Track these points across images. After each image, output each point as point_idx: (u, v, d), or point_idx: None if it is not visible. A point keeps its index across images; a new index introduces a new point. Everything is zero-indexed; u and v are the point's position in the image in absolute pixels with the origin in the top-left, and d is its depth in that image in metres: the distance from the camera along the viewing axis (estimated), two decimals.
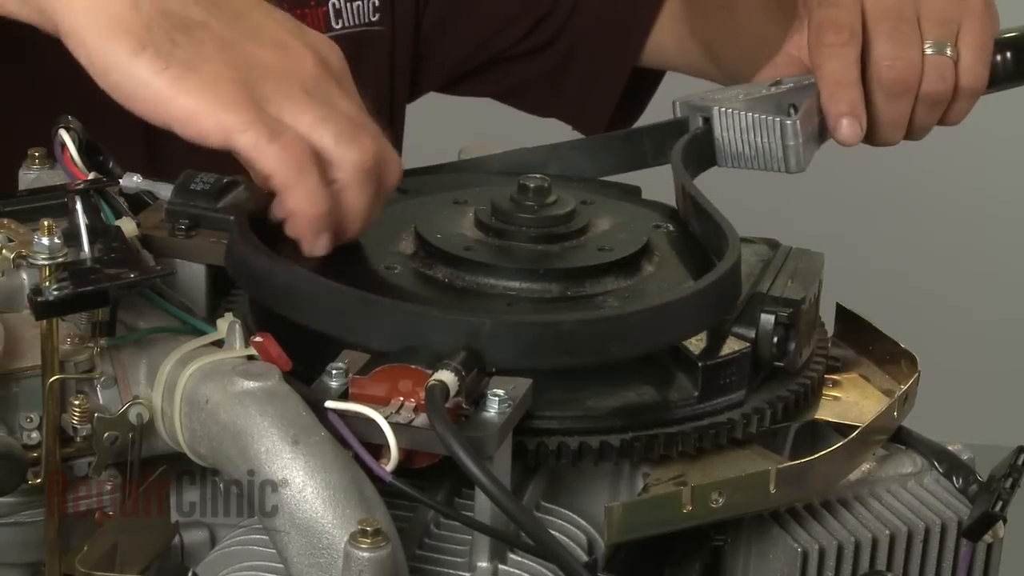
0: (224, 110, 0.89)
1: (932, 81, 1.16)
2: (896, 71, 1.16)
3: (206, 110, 0.89)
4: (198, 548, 0.95)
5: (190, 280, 1.04)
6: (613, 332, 0.91)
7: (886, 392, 1.02)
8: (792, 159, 1.14)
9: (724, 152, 1.16)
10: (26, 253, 0.92)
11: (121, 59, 0.90)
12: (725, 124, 1.15)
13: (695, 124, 1.17)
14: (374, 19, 1.45)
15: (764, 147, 1.14)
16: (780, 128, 1.13)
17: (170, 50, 0.90)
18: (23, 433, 0.90)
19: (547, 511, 0.95)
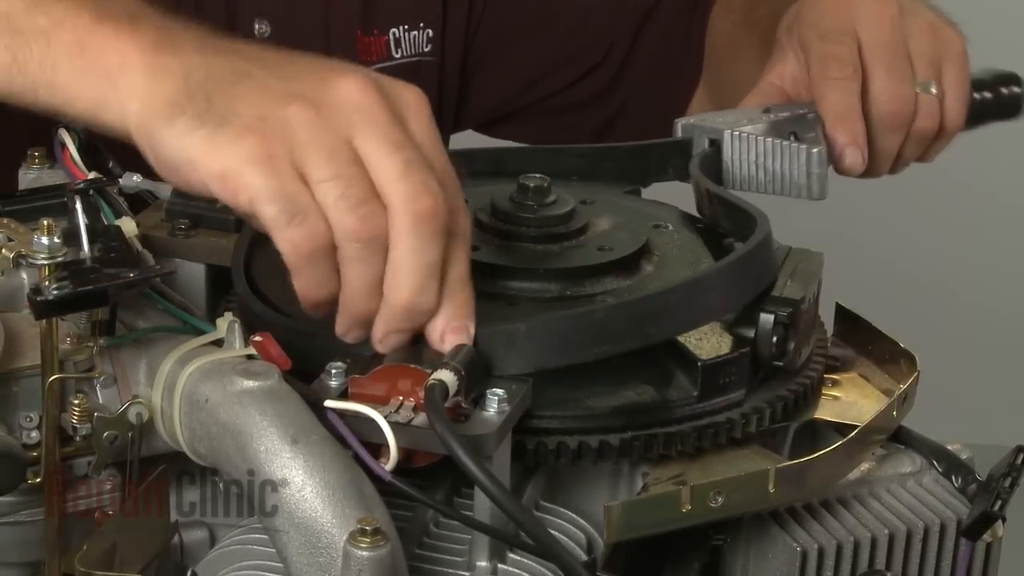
0: (253, 171, 0.86)
1: (923, 117, 1.21)
2: (894, 105, 1.19)
3: (238, 169, 0.86)
4: (197, 547, 0.95)
5: (190, 279, 1.04)
6: (649, 314, 0.91)
7: (885, 392, 1.02)
8: (816, 187, 1.16)
9: (732, 175, 1.17)
10: (26, 252, 0.92)
11: (166, 132, 0.88)
12: (737, 147, 1.16)
13: (700, 145, 1.17)
14: (427, 50, 1.46)
15: (783, 173, 1.15)
16: (807, 156, 1.15)
17: (205, 109, 0.87)
18: (23, 432, 0.90)
19: (546, 510, 0.95)
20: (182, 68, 0.89)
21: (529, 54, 1.51)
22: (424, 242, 0.86)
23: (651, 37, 1.50)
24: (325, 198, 0.86)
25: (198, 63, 0.89)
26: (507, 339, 0.90)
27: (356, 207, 0.86)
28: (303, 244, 0.86)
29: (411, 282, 0.87)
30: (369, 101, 0.88)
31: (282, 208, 0.86)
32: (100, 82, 0.89)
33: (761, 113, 1.19)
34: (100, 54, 0.90)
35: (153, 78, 0.89)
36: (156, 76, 0.89)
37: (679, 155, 1.17)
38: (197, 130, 0.87)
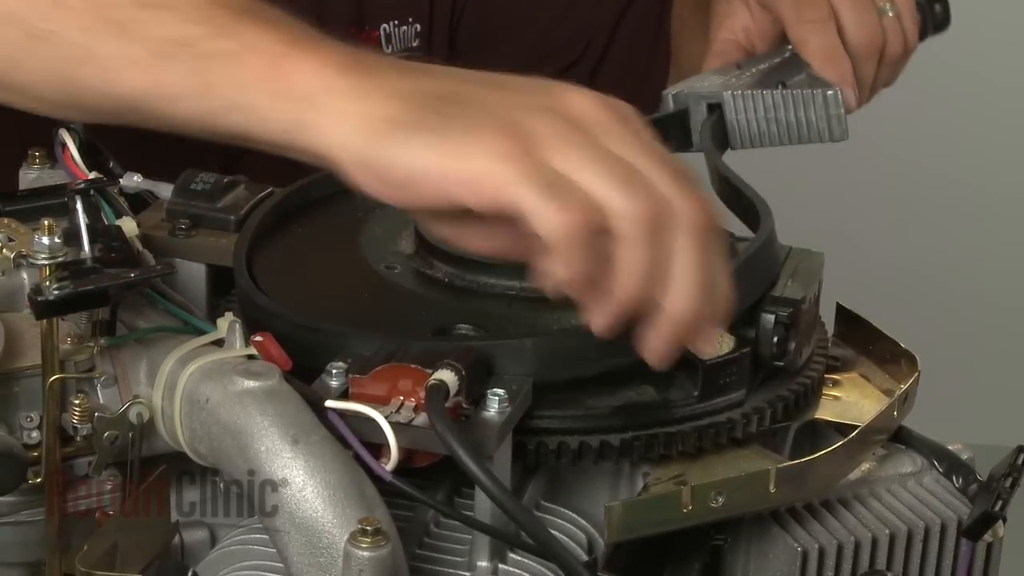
0: (505, 164, 0.84)
1: (892, 41, 1.23)
2: (866, 35, 1.21)
3: (488, 168, 0.84)
4: (198, 547, 0.95)
5: (190, 279, 1.04)
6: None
7: (886, 392, 1.02)
8: (837, 128, 1.17)
9: (741, 134, 1.17)
10: (27, 252, 0.92)
11: (402, 152, 0.85)
12: (742, 106, 1.17)
13: (698, 113, 1.17)
14: (415, 44, 1.47)
15: (799, 121, 1.16)
16: (823, 99, 1.16)
17: (441, 122, 0.85)
18: (23, 432, 0.90)
19: (547, 510, 0.95)
20: (393, 88, 0.87)
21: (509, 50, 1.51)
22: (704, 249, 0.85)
23: (627, 30, 1.51)
24: (605, 191, 0.83)
25: (407, 84, 0.88)
26: (514, 352, 0.90)
27: (643, 193, 0.84)
28: (567, 220, 0.83)
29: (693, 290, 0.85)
30: (604, 112, 0.87)
31: (540, 186, 0.83)
32: (298, 105, 0.87)
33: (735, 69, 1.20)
34: (297, 76, 0.88)
35: (363, 99, 0.87)
36: (365, 97, 0.87)
37: (677, 127, 1.17)
38: (439, 143, 0.85)
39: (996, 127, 3.01)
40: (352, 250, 1.03)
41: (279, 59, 0.88)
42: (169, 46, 0.89)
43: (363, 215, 1.07)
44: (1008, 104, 3.00)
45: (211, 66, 0.89)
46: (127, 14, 0.90)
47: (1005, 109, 3.01)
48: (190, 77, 0.89)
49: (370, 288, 1.01)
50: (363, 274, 1.01)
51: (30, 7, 0.91)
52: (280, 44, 0.89)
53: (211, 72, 0.89)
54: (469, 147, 0.84)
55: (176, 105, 0.90)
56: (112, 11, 0.90)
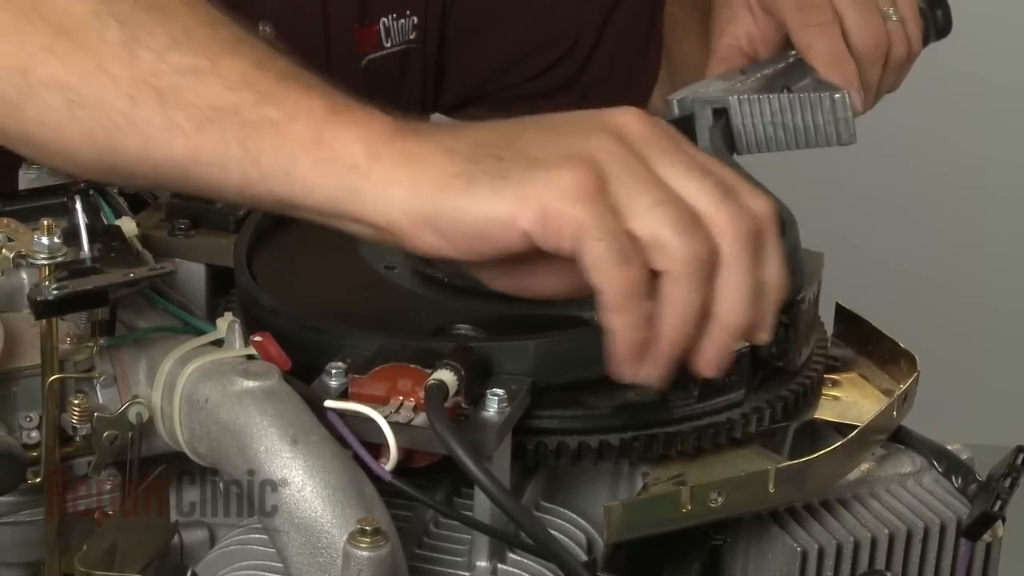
0: (577, 206, 0.83)
1: (896, 45, 1.22)
2: (871, 38, 1.21)
3: (559, 211, 0.83)
4: (198, 547, 0.95)
5: (189, 279, 1.04)
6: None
7: (885, 392, 1.02)
8: (845, 132, 1.16)
9: (747, 139, 1.17)
10: (26, 252, 0.92)
11: (465, 203, 0.85)
12: (748, 111, 1.16)
13: (704, 118, 1.17)
14: (412, 37, 1.47)
15: (807, 125, 1.16)
16: (831, 102, 1.16)
17: (500, 167, 0.85)
18: (23, 432, 0.90)
19: (546, 510, 0.95)
20: (439, 146, 0.87)
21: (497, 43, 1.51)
22: (755, 262, 0.86)
23: (616, 28, 1.51)
24: (654, 226, 0.84)
25: (452, 140, 0.87)
26: (514, 353, 0.90)
27: (689, 229, 0.84)
28: (627, 285, 0.84)
29: (745, 301, 0.86)
30: (653, 131, 0.88)
31: (608, 245, 0.83)
32: (347, 175, 0.87)
33: (739, 74, 1.20)
34: (341, 146, 0.87)
35: (412, 163, 0.86)
36: (414, 161, 0.86)
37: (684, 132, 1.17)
38: (502, 188, 0.84)
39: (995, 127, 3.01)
40: (351, 250, 1.03)
41: (323, 127, 0.88)
42: (211, 113, 0.88)
43: None
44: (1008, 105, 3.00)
45: (254, 134, 0.88)
46: (167, 81, 0.89)
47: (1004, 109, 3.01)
48: (233, 145, 0.88)
49: (369, 288, 1.01)
50: (362, 274, 1.01)
51: (71, 74, 0.90)
52: (323, 111, 0.88)
53: (254, 140, 0.88)
54: (535, 185, 0.84)
55: (218, 172, 0.89)
56: (153, 78, 0.89)
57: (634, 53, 1.51)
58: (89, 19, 0.90)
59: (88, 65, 0.90)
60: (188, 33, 0.90)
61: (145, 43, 0.89)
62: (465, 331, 0.95)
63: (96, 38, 0.90)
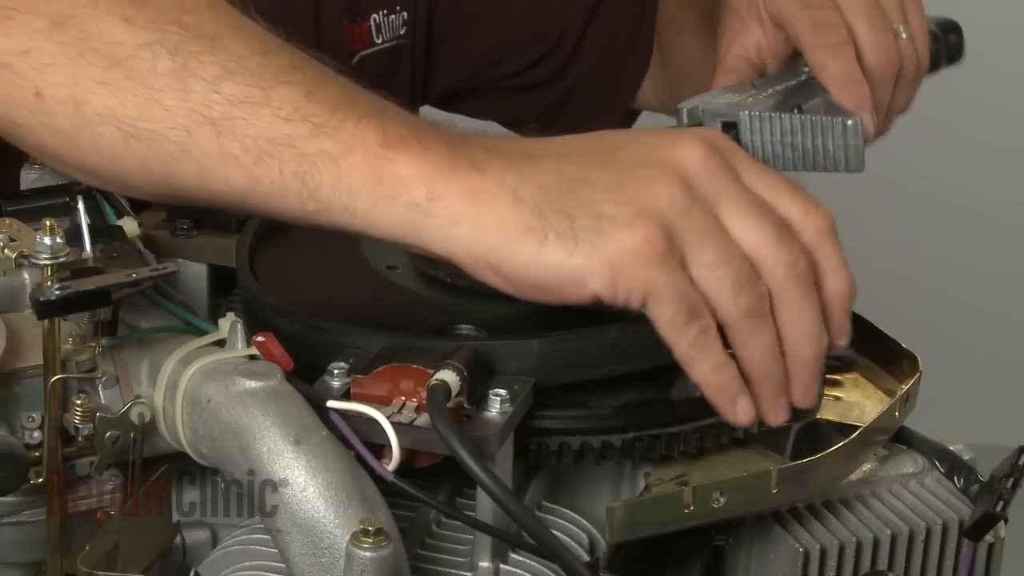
0: (646, 268, 0.86)
1: (907, 62, 1.21)
2: (883, 57, 1.20)
3: (628, 272, 0.86)
4: (200, 548, 0.95)
5: (191, 280, 1.05)
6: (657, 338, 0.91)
7: (887, 392, 1.02)
8: (854, 159, 1.15)
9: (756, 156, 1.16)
10: (28, 253, 0.92)
11: (531, 257, 0.86)
12: (758, 128, 1.16)
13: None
14: (402, 32, 1.47)
15: (815, 148, 1.15)
16: (843, 128, 1.15)
17: (569, 225, 0.86)
18: (25, 433, 0.90)
19: (548, 511, 0.95)
20: (506, 189, 0.87)
21: (483, 38, 1.52)
22: (810, 297, 0.90)
23: (602, 23, 1.52)
24: (714, 284, 0.88)
25: (516, 179, 0.88)
26: (519, 353, 0.90)
27: (746, 288, 0.88)
28: (699, 339, 0.88)
29: (812, 334, 0.90)
30: (715, 168, 0.90)
31: (679, 308, 0.87)
32: (409, 213, 0.87)
33: (750, 88, 1.19)
34: (401, 185, 0.87)
35: (476, 204, 0.87)
36: (478, 201, 0.87)
37: None
38: (573, 251, 0.86)
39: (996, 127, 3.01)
40: (353, 250, 1.03)
41: (379, 162, 0.88)
42: (267, 145, 0.88)
43: None
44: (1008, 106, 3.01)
45: (312, 168, 0.88)
46: (221, 112, 0.88)
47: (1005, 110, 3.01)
48: (291, 179, 0.88)
49: (372, 288, 1.01)
50: (365, 274, 1.01)
51: (124, 106, 0.89)
52: (378, 146, 0.88)
53: (312, 175, 0.88)
54: (605, 249, 0.86)
55: (277, 202, 0.89)
56: (206, 109, 0.89)
57: (621, 48, 1.51)
58: (140, 50, 0.90)
59: (141, 97, 0.89)
60: (240, 62, 0.90)
61: (197, 73, 0.89)
62: (467, 331, 0.95)
63: (148, 69, 0.89)
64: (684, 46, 1.45)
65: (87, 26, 0.90)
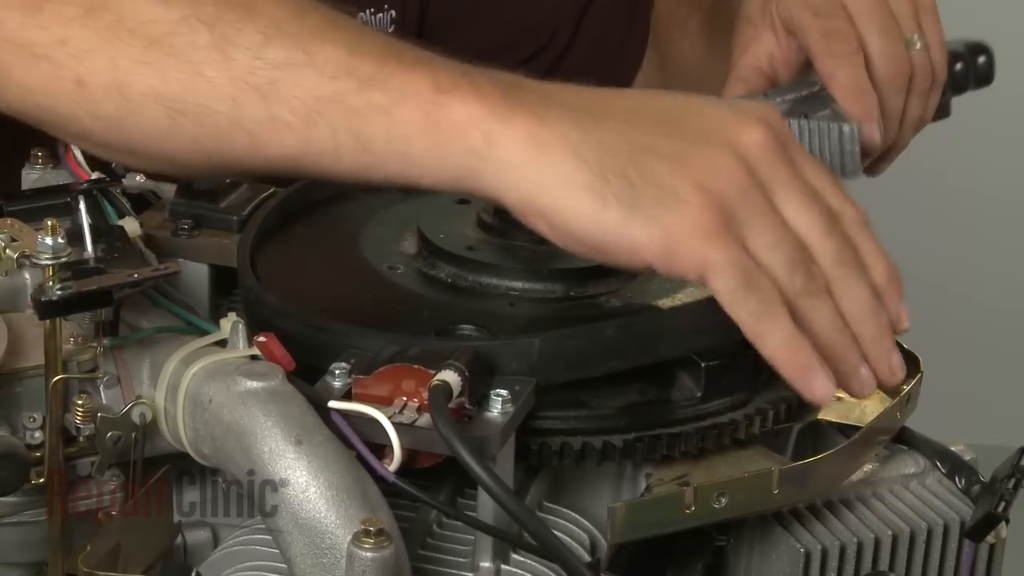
0: (703, 243, 0.86)
1: (919, 72, 1.21)
2: (893, 66, 1.19)
3: (685, 244, 0.86)
4: (201, 548, 0.95)
5: (193, 280, 1.05)
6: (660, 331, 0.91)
7: (888, 392, 1.02)
8: (851, 164, 1.15)
9: None
10: (30, 253, 0.92)
11: (590, 217, 0.86)
12: None
13: None
14: (390, 31, 1.47)
15: (814, 153, 1.15)
16: (839, 133, 1.15)
17: (631, 192, 0.86)
18: (26, 433, 0.90)
19: (550, 511, 0.95)
20: (564, 140, 0.87)
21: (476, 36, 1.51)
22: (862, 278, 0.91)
23: (594, 21, 1.52)
24: (770, 263, 0.88)
25: (580, 136, 0.87)
26: (520, 352, 0.90)
27: (799, 268, 0.88)
28: (763, 308, 0.87)
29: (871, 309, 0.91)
30: (775, 151, 0.90)
31: (737, 279, 0.86)
32: (465, 157, 0.87)
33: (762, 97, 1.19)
34: (457, 129, 0.87)
35: (535, 151, 0.87)
36: (537, 149, 0.87)
37: None
38: (631, 216, 0.86)
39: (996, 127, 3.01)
40: (354, 250, 1.03)
41: (433, 107, 0.87)
42: (316, 105, 0.88)
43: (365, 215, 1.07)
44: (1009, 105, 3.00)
45: (363, 122, 0.88)
46: (266, 77, 0.88)
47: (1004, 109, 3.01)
48: (343, 135, 0.88)
49: (373, 289, 1.01)
50: (365, 274, 1.01)
51: (168, 84, 0.89)
52: (430, 91, 0.88)
53: (364, 128, 0.88)
54: (664, 219, 0.86)
55: (330, 160, 0.89)
56: (251, 77, 0.88)
57: (614, 45, 1.51)
58: (177, 25, 0.89)
59: (184, 72, 0.89)
60: (277, 26, 0.89)
61: (237, 42, 0.89)
62: (468, 331, 0.95)
63: (187, 44, 0.89)
64: (684, 48, 1.45)
65: (121, 8, 0.90)
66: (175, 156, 0.92)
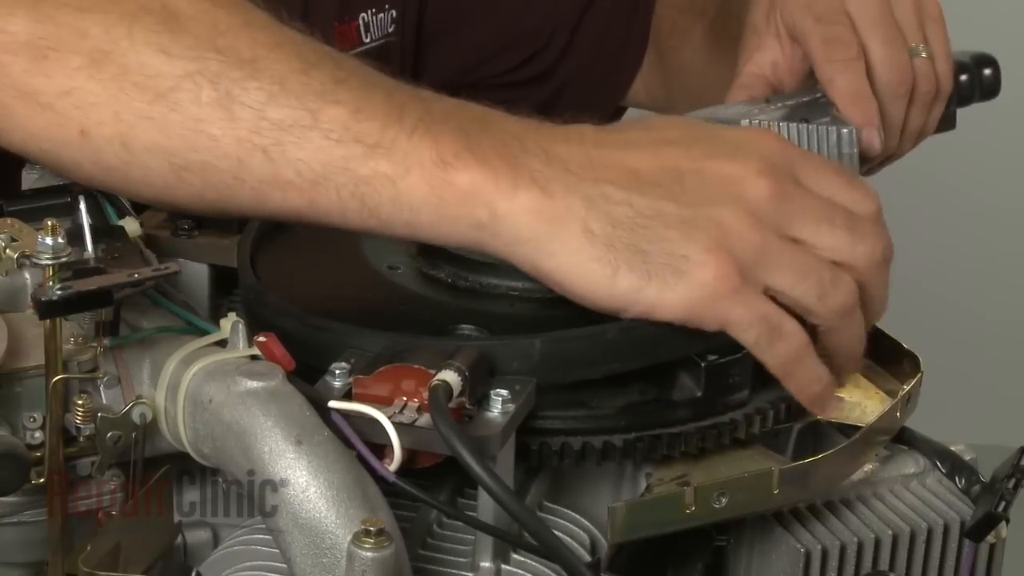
0: (721, 305, 0.88)
1: (922, 81, 1.21)
2: (895, 74, 1.19)
3: (703, 307, 0.88)
4: (201, 548, 0.95)
5: (193, 280, 1.05)
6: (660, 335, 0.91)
7: (889, 392, 1.02)
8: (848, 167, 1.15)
9: None
10: (30, 253, 0.92)
11: (602, 287, 0.88)
12: None
13: None
14: (391, 30, 1.47)
15: None
16: (837, 136, 1.15)
17: (643, 260, 0.88)
18: (26, 433, 0.90)
19: (550, 511, 0.95)
20: (570, 214, 0.88)
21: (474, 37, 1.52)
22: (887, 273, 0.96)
23: (593, 23, 1.52)
24: (799, 299, 0.90)
25: (583, 207, 0.88)
26: (520, 352, 0.90)
27: (830, 292, 0.91)
28: (789, 354, 0.90)
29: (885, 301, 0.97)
30: (780, 195, 0.91)
31: (760, 332, 0.89)
32: (471, 231, 0.89)
33: (763, 103, 1.19)
34: (462, 204, 0.88)
35: (542, 226, 0.88)
36: (544, 226, 0.88)
37: None
38: (646, 285, 0.88)
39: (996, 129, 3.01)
40: (355, 250, 1.03)
41: (439, 182, 0.88)
42: (321, 168, 0.89)
43: None
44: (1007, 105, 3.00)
45: (370, 190, 0.88)
46: (271, 138, 0.88)
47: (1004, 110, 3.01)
48: (349, 200, 0.89)
49: (373, 288, 1.01)
50: (366, 274, 1.01)
51: (172, 139, 0.89)
52: (433, 165, 0.88)
53: (371, 196, 0.89)
54: (679, 288, 0.88)
55: (337, 220, 0.90)
56: (256, 137, 0.89)
57: (612, 48, 1.51)
58: (181, 81, 0.89)
59: (188, 129, 0.89)
60: (283, 84, 0.89)
61: (241, 100, 0.89)
62: (469, 331, 0.95)
63: (191, 100, 0.89)
64: (686, 56, 1.45)
65: (126, 60, 0.90)
66: (179, 204, 0.94)
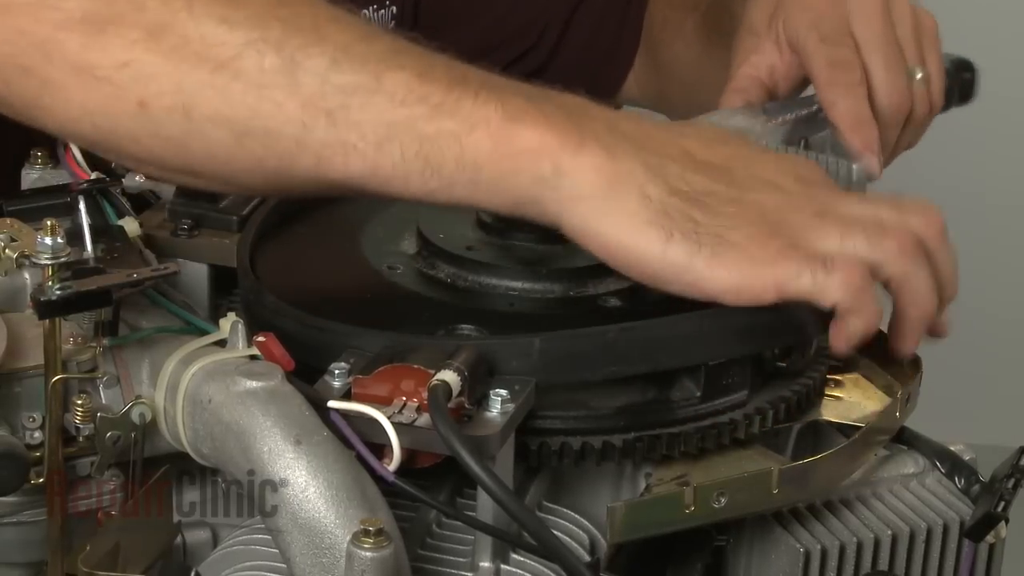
0: (770, 268, 0.89)
1: (918, 105, 1.22)
2: (895, 99, 1.20)
3: (753, 275, 0.89)
4: (201, 548, 0.96)
5: (192, 280, 1.05)
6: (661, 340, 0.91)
7: (888, 392, 1.02)
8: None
9: None
10: (29, 253, 0.92)
11: (654, 251, 0.89)
12: None
13: None
14: (391, 27, 1.47)
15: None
16: (848, 172, 1.15)
17: (695, 228, 0.89)
18: (26, 433, 0.90)
19: (549, 511, 0.95)
20: (631, 176, 0.89)
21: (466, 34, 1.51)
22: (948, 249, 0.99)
23: (585, 20, 1.52)
24: (852, 250, 0.91)
25: (643, 172, 0.90)
26: (521, 351, 0.90)
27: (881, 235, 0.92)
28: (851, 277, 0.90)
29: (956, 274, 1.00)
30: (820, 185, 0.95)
31: (813, 270, 0.89)
32: (533, 185, 0.89)
33: (761, 113, 1.19)
34: (527, 158, 0.89)
35: (603, 186, 0.89)
36: (605, 182, 0.89)
37: None
38: (697, 253, 0.89)
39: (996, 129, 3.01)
40: (354, 250, 1.03)
41: (502, 135, 0.89)
42: (385, 130, 0.89)
43: (365, 215, 1.07)
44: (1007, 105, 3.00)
45: (434, 148, 0.89)
46: (335, 102, 0.89)
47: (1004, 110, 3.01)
48: (413, 160, 0.89)
49: (372, 288, 1.01)
50: (365, 274, 1.01)
51: (235, 107, 0.89)
52: (500, 120, 0.89)
53: (435, 154, 0.89)
54: (725, 255, 0.89)
55: (398, 184, 0.90)
56: (320, 101, 0.89)
57: (604, 45, 1.51)
58: (244, 49, 0.89)
59: (251, 96, 0.89)
60: (345, 51, 0.90)
61: (305, 66, 0.89)
62: (468, 331, 0.95)
63: (255, 67, 0.89)
64: (678, 50, 1.45)
65: (186, 31, 0.90)
66: (236, 177, 0.93)
